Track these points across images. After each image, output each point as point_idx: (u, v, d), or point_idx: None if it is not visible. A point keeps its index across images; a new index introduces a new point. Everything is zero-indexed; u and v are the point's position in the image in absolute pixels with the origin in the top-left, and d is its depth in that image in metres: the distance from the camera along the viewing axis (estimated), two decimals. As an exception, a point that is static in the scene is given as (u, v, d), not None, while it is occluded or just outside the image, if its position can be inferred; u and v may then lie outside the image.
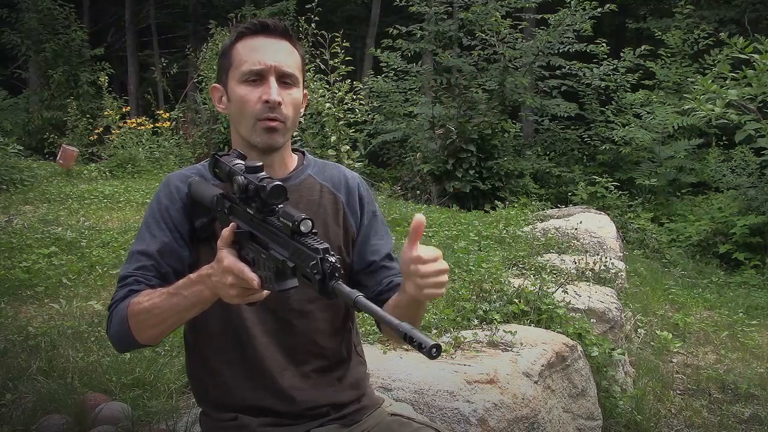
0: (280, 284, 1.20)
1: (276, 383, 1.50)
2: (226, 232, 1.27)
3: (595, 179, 9.41)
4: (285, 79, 1.46)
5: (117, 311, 1.41)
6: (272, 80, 1.44)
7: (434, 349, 0.98)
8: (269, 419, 1.50)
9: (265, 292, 1.24)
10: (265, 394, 1.50)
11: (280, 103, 1.44)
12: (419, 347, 0.99)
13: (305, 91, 1.56)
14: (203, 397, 1.58)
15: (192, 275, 1.33)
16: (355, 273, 1.60)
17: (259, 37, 1.47)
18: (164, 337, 1.47)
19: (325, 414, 1.54)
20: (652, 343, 4.57)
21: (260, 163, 1.28)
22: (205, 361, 1.54)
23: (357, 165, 6.61)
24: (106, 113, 9.34)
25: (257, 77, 1.44)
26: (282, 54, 1.46)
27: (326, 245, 1.11)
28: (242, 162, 1.32)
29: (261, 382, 1.50)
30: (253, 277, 1.20)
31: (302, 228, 1.14)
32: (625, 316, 4.07)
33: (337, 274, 1.09)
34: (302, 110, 1.55)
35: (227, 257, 1.24)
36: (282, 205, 1.21)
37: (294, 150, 1.62)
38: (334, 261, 1.09)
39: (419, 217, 1.29)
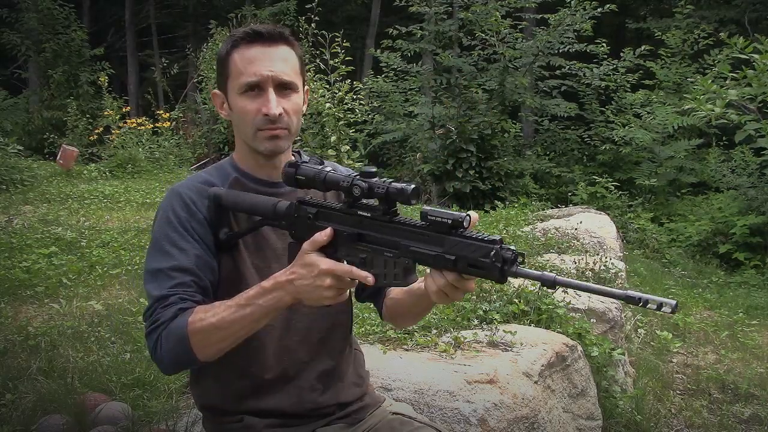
0: (407, 279, 1.30)
1: (281, 386, 1.50)
2: (321, 236, 1.30)
3: (595, 179, 9.41)
4: (284, 88, 1.46)
5: (170, 331, 1.34)
6: (270, 92, 1.44)
7: (673, 305, 1.06)
8: (275, 420, 1.51)
9: (346, 293, 1.31)
10: (270, 398, 1.50)
11: (281, 114, 1.44)
12: (659, 308, 1.07)
13: (306, 87, 1.56)
14: (207, 405, 1.57)
15: (264, 284, 1.32)
16: None
17: (255, 46, 1.45)
18: (226, 351, 1.41)
19: (331, 413, 1.55)
20: (652, 343, 4.58)
21: (374, 169, 1.33)
22: (209, 366, 1.51)
23: (357, 165, 6.61)
24: (106, 113, 9.35)
25: (255, 89, 1.44)
26: (279, 62, 1.45)
27: (496, 236, 1.19)
28: (329, 168, 1.38)
29: (265, 386, 1.50)
30: (367, 275, 1.26)
31: (465, 224, 1.21)
32: (625, 316, 4.06)
33: (520, 259, 1.18)
34: (305, 108, 1.55)
35: (323, 260, 1.27)
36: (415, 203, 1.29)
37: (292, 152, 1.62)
38: (514, 248, 1.18)
39: (475, 216, 1.28)
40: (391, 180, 1.29)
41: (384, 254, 1.29)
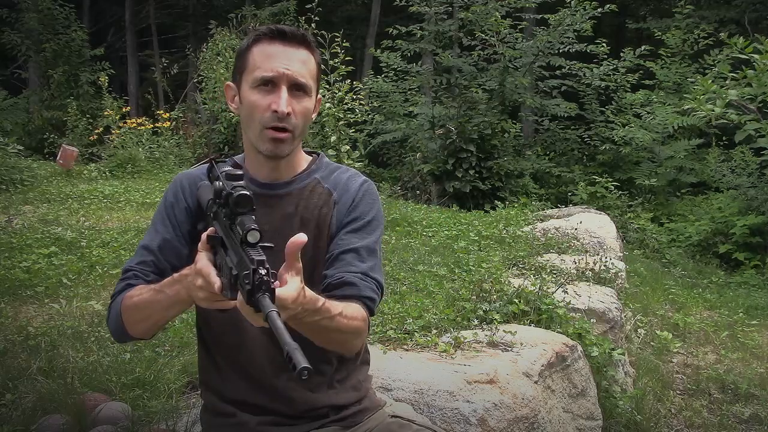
0: (233, 292, 1.20)
1: (273, 385, 1.50)
2: (204, 236, 1.29)
3: (595, 179, 9.41)
4: (297, 89, 1.45)
5: (114, 304, 1.47)
6: (283, 89, 1.43)
7: (305, 371, 1.01)
8: (268, 418, 1.51)
9: (234, 302, 1.22)
10: (263, 395, 1.51)
11: (289, 114, 1.43)
12: (293, 369, 1.02)
13: (319, 97, 1.56)
14: (209, 385, 1.59)
15: (175, 275, 1.36)
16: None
17: (276, 44, 1.46)
18: (156, 332, 1.51)
19: (325, 415, 1.54)
20: (652, 343, 4.57)
21: (240, 172, 1.29)
22: (211, 355, 1.57)
23: (357, 165, 6.60)
24: (106, 113, 9.34)
25: (269, 84, 1.44)
26: (296, 63, 1.45)
27: (263, 257, 1.12)
28: (234, 170, 1.32)
29: (258, 383, 1.51)
30: (216, 281, 1.22)
31: (249, 238, 1.15)
32: (625, 316, 4.07)
33: (264, 288, 1.10)
34: (314, 116, 1.55)
35: (201, 260, 1.26)
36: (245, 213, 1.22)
37: (311, 152, 1.62)
38: (264, 274, 1.10)
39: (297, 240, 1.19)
40: (236, 185, 1.25)
41: (225, 261, 1.23)
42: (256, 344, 1.49)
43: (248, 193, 1.22)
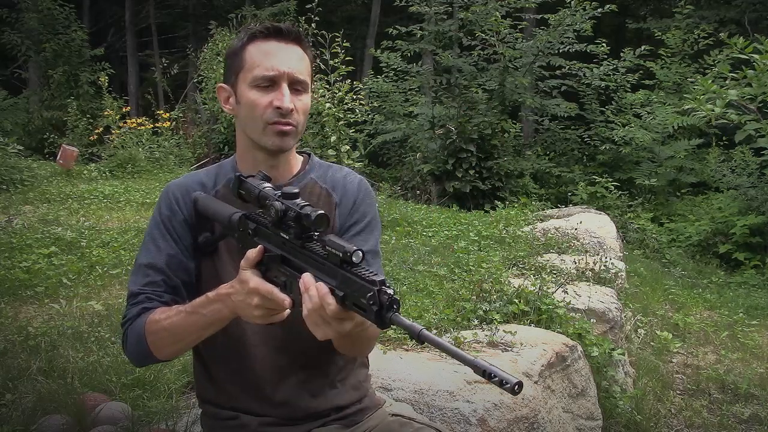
0: None
1: (275, 394, 1.50)
2: (252, 253, 1.26)
3: (595, 179, 9.41)
4: (296, 86, 1.45)
5: (133, 330, 1.41)
6: (285, 87, 1.43)
7: (517, 386, 0.98)
8: (270, 419, 1.51)
9: (287, 312, 1.23)
10: (266, 403, 1.51)
11: (292, 110, 1.43)
12: (500, 384, 0.99)
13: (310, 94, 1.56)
14: (205, 398, 1.59)
15: (210, 294, 1.33)
16: None
17: (272, 42, 1.45)
18: (185, 353, 1.47)
19: (326, 415, 1.55)
20: (652, 343, 4.58)
21: (296, 190, 1.27)
22: (208, 366, 1.55)
23: (357, 165, 6.60)
24: (106, 113, 9.34)
25: (270, 83, 1.43)
26: (294, 60, 1.46)
27: (383, 277, 1.11)
28: (270, 185, 1.32)
29: (260, 392, 1.51)
30: (285, 298, 1.21)
31: (354, 259, 1.14)
32: (625, 316, 4.07)
33: (395, 306, 1.09)
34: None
35: (253, 279, 1.24)
36: (320, 232, 1.21)
37: (300, 152, 1.61)
38: (391, 293, 1.09)
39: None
40: (305, 204, 1.24)
41: (296, 279, 1.21)
42: (259, 356, 1.49)
43: (324, 212, 1.22)
